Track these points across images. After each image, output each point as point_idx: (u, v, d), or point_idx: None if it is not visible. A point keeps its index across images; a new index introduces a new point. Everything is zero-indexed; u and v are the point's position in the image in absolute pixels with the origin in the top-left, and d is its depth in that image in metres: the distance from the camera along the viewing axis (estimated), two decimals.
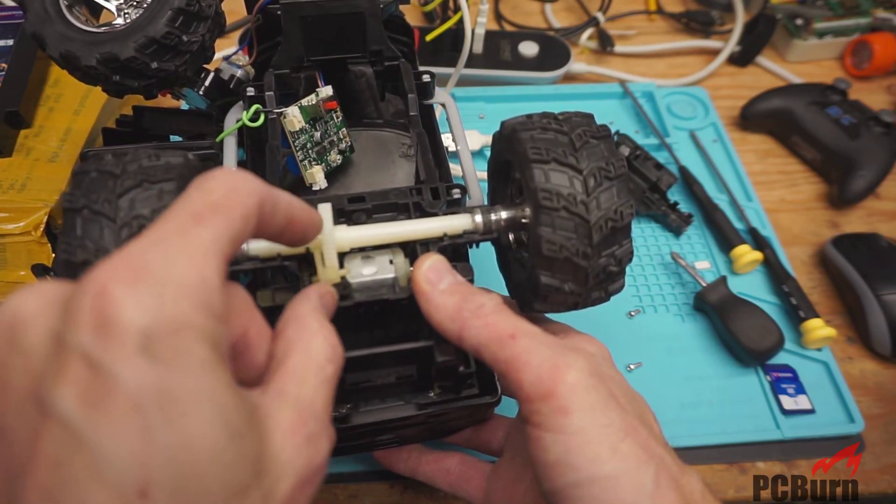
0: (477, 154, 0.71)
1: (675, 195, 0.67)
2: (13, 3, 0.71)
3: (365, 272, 0.35)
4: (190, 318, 0.22)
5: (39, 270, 0.50)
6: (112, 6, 0.43)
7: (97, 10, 0.44)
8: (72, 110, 0.62)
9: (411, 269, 0.34)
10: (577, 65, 0.81)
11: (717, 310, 0.58)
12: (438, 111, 0.49)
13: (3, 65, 0.61)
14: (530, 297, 0.37)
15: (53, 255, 0.53)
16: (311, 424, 0.26)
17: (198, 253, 0.23)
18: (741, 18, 0.85)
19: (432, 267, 0.33)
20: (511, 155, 0.37)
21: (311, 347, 0.28)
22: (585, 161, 0.34)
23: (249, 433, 0.23)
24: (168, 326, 0.21)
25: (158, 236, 0.23)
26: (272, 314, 0.35)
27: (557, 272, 0.35)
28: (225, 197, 0.25)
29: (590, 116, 0.38)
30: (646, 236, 0.66)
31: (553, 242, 0.34)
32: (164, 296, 0.21)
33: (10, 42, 0.63)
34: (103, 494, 0.20)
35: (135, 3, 0.43)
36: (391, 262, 0.35)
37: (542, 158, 0.34)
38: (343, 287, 0.34)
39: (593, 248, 0.34)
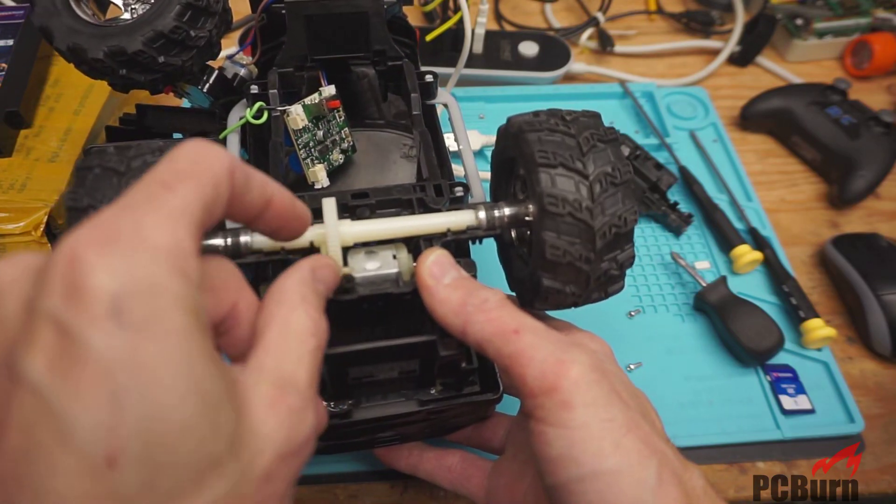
0: (477, 154, 0.71)
1: (675, 195, 0.67)
2: (13, 3, 0.71)
3: (368, 267, 0.35)
4: (164, 282, 0.21)
5: None
6: (119, 1, 0.43)
7: (104, 4, 0.44)
8: (72, 110, 0.62)
9: (414, 264, 0.34)
10: (577, 65, 0.81)
11: (717, 310, 0.58)
12: (440, 111, 0.49)
13: (3, 65, 0.61)
14: (531, 296, 0.37)
15: None
16: (291, 398, 0.25)
17: (169, 217, 0.22)
18: (741, 18, 0.85)
19: (436, 261, 0.33)
20: (517, 154, 0.37)
21: (290, 321, 0.27)
22: (592, 166, 0.34)
23: (225, 405, 0.22)
24: (140, 290, 0.20)
25: (127, 203, 0.23)
26: None
27: (560, 275, 0.35)
28: (192, 164, 0.24)
29: (597, 116, 0.38)
30: (646, 236, 0.66)
31: (557, 248, 0.34)
32: (136, 259, 0.21)
33: (10, 42, 0.63)
34: (71, 461, 0.19)
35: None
36: (394, 257, 0.35)
37: (549, 162, 0.34)
38: (346, 281, 0.34)
39: (596, 253, 0.35)
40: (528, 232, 0.37)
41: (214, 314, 0.27)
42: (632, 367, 0.57)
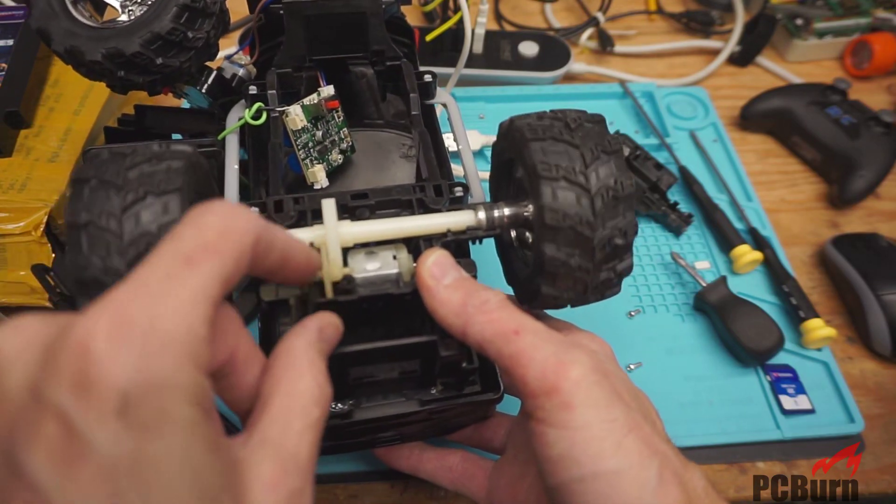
0: (477, 154, 0.71)
1: (675, 195, 0.67)
2: (13, 3, 0.71)
3: (369, 267, 0.35)
4: (171, 376, 0.21)
5: (39, 270, 0.50)
6: (116, 2, 0.43)
7: (101, 7, 0.44)
8: (72, 110, 0.62)
9: (415, 264, 0.34)
10: (577, 65, 0.81)
11: (717, 310, 0.58)
12: (439, 111, 0.49)
13: (3, 65, 0.61)
14: (529, 299, 0.37)
15: (53, 255, 0.53)
16: (292, 478, 0.25)
17: (185, 301, 0.22)
18: (741, 18, 0.85)
19: (437, 262, 0.33)
20: (517, 158, 0.37)
21: (296, 389, 0.27)
22: (595, 179, 0.34)
23: (225, 494, 0.22)
24: (148, 387, 0.21)
25: (146, 281, 0.22)
26: (275, 308, 0.35)
27: (559, 284, 0.35)
28: (218, 236, 0.24)
29: (602, 122, 0.38)
30: (646, 236, 0.66)
31: (556, 259, 0.34)
32: (146, 352, 0.21)
33: (10, 42, 0.63)
34: None
35: (138, 1, 0.43)
36: (395, 257, 0.35)
37: (551, 176, 0.34)
38: (347, 282, 0.34)
39: (595, 264, 0.34)
40: (528, 232, 0.37)
41: (213, 362, 0.27)
42: (632, 367, 0.57)
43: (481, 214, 0.36)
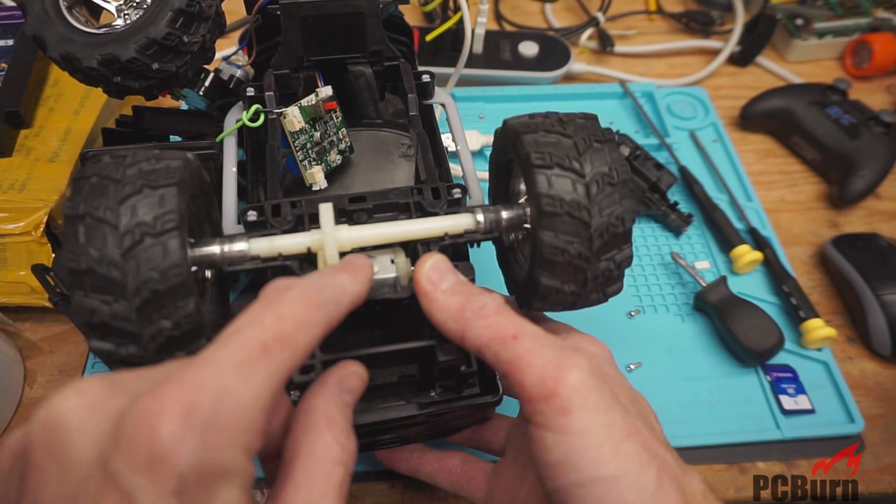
0: (477, 154, 0.71)
1: (675, 195, 0.67)
2: (13, 4, 0.71)
3: None
4: (227, 464, 0.23)
5: (39, 270, 0.50)
6: (112, 7, 0.43)
7: (97, 12, 0.44)
8: (72, 110, 0.62)
9: (413, 268, 0.34)
10: (577, 65, 0.81)
11: (717, 310, 0.58)
12: (438, 111, 0.49)
13: (3, 65, 0.61)
14: (529, 296, 0.37)
15: (53, 255, 0.53)
16: None
17: (252, 392, 0.24)
18: (741, 18, 0.85)
19: (434, 266, 0.33)
20: (513, 155, 0.37)
21: (316, 452, 0.27)
22: (589, 166, 0.34)
23: None
24: (204, 472, 0.22)
25: (220, 364, 0.24)
26: None
27: (558, 274, 0.35)
28: (296, 329, 0.26)
29: (594, 118, 0.38)
30: (646, 236, 0.66)
31: (555, 246, 0.34)
32: (207, 440, 0.22)
33: (10, 42, 0.63)
34: None
35: (134, 4, 0.43)
36: (392, 261, 0.35)
37: (545, 164, 0.34)
38: None
39: (594, 252, 0.34)
40: (526, 234, 0.37)
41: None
42: (632, 367, 0.57)
43: (479, 217, 0.36)
